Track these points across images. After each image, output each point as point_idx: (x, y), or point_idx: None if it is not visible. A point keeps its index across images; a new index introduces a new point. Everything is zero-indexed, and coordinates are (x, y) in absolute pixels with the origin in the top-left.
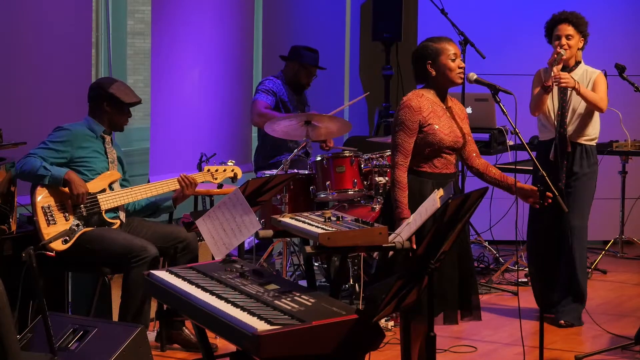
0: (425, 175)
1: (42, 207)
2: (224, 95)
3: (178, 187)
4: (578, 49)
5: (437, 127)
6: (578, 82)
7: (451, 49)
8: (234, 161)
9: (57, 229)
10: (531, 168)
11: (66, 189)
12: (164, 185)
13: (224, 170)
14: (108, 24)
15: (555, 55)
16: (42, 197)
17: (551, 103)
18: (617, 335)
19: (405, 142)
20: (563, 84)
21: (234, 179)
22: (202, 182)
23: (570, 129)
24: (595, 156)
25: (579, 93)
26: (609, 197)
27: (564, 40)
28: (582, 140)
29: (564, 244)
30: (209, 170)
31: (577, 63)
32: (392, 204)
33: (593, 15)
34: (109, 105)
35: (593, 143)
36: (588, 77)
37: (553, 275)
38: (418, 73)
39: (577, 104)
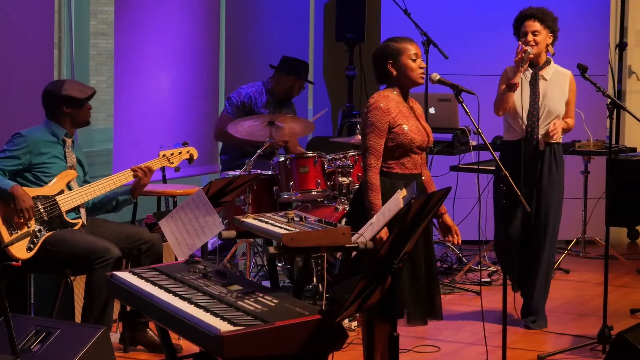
0: (395, 177)
1: (3, 217)
2: (188, 96)
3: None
4: (547, 45)
5: (406, 127)
6: (559, 125)
7: (412, 49)
8: (188, 142)
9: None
10: (493, 168)
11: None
12: (122, 177)
13: (180, 153)
14: (70, 24)
15: (523, 55)
16: (1, 207)
17: (520, 102)
18: (579, 335)
19: (376, 144)
20: (556, 139)
21: (190, 160)
22: (159, 167)
23: (542, 129)
24: (562, 155)
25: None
26: (571, 197)
27: (530, 37)
28: (553, 140)
29: (535, 246)
30: (164, 155)
31: (547, 61)
32: (366, 206)
33: (557, 14)
34: (68, 107)
35: (560, 141)
36: (560, 79)
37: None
38: (379, 73)
39: (553, 106)
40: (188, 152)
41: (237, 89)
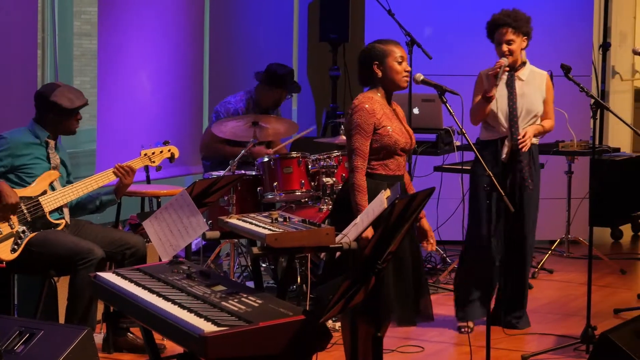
0: (379, 178)
1: None
2: (172, 96)
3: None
4: (522, 49)
5: (390, 129)
6: (529, 139)
7: (398, 51)
8: (169, 141)
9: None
10: (469, 168)
11: None
12: (104, 177)
13: (161, 152)
14: (54, 25)
15: (498, 69)
16: None
17: (495, 103)
18: (563, 335)
19: (362, 145)
20: (524, 148)
21: (171, 159)
22: (141, 166)
23: (522, 129)
24: (538, 156)
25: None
26: (555, 197)
27: (504, 47)
28: (532, 141)
29: (517, 246)
30: (145, 154)
31: (523, 63)
32: (353, 208)
33: (538, 14)
34: (53, 114)
35: (537, 142)
36: (537, 79)
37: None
38: (363, 74)
39: (531, 105)
40: (169, 150)
41: (223, 101)
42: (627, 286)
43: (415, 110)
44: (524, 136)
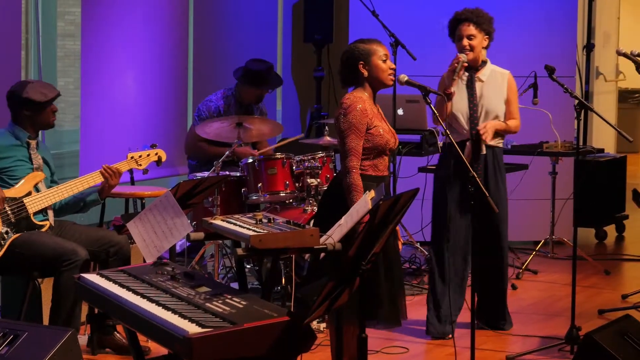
0: (369, 179)
1: None
2: (156, 98)
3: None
4: (483, 47)
5: (381, 129)
6: (491, 129)
7: (381, 50)
8: (156, 144)
9: None
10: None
11: None
12: (90, 179)
13: (148, 155)
14: (38, 25)
15: (457, 64)
16: None
17: (456, 105)
18: (547, 336)
19: (357, 145)
20: (486, 138)
21: (158, 162)
22: (127, 169)
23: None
24: (503, 159)
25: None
26: (539, 197)
27: (465, 42)
28: (494, 143)
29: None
30: (132, 157)
31: (484, 63)
32: (348, 209)
33: (522, 15)
34: (28, 110)
35: (501, 145)
36: (498, 79)
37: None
38: (348, 75)
39: (490, 106)
40: (156, 154)
41: (205, 101)
42: (611, 287)
43: (400, 111)
44: (484, 127)
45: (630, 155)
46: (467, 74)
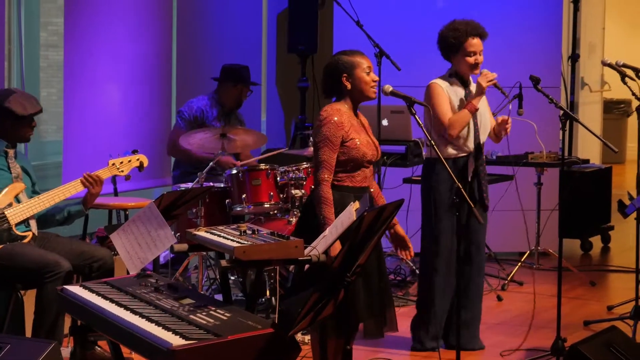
0: (346, 190)
1: None
2: (140, 108)
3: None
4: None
5: (358, 141)
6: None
7: (365, 62)
8: (138, 150)
9: None
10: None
11: None
12: (71, 188)
13: (129, 161)
14: (20, 35)
15: (494, 81)
16: None
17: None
18: (533, 348)
19: (330, 158)
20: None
21: (140, 167)
22: (109, 176)
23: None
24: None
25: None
26: (524, 208)
27: (480, 58)
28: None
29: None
30: (113, 164)
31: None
32: (320, 221)
33: (507, 25)
34: (6, 120)
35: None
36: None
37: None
38: (330, 86)
39: (484, 118)
40: (138, 159)
41: (187, 102)
42: (596, 298)
43: (384, 122)
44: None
45: (615, 166)
46: (465, 89)
